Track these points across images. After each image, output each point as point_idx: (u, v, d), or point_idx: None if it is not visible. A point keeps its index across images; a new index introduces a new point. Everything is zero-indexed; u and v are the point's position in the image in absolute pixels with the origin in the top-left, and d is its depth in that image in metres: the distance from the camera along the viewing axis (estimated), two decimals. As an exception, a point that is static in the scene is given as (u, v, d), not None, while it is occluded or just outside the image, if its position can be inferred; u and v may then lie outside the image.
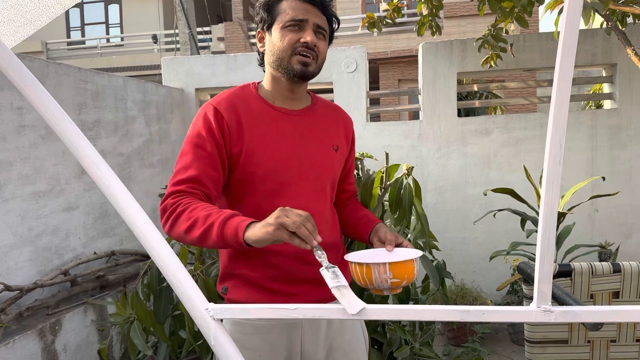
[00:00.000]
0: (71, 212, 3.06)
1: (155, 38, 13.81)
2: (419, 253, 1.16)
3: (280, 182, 1.32)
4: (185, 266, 2.23)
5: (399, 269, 1.08)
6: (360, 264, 1.10)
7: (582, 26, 2.78)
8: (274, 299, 1.31)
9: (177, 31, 7.08)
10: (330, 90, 4.34)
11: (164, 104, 4.17)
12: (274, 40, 1.32)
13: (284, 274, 1.34)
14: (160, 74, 4.64)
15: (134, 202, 1.08)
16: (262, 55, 1.42)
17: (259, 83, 1.43)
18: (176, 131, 4.37)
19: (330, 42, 1.42)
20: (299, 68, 1.30)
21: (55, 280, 2.78)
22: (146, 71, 13.26)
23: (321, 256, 1.06)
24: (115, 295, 3.10)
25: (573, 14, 1.11)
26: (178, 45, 7.11)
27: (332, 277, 1.00)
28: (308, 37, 1.28)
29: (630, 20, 3.63)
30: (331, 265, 1.04)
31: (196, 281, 1.97)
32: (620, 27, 3.07)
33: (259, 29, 1.39)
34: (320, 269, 1.04)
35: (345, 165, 1.54)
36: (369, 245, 1.42)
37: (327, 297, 1.30)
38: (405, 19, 12.37)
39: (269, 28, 1.34)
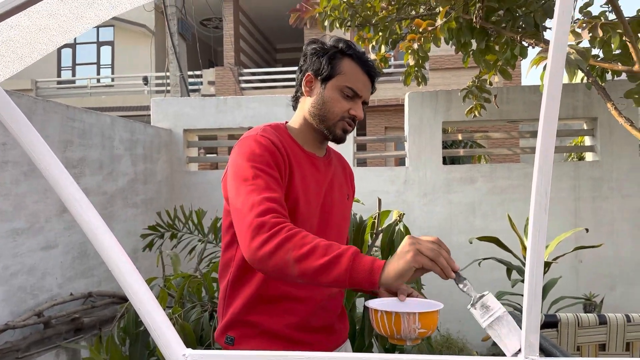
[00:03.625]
0: (49, 251, 2.98)
1: (146, 80, 13.97)
2: (439, 304, 1.15)
3: (309, 228, 1.28)
4: (164, 309, 2.17)
5: (427, 319, 1.06)
6: (389, 313, 1.06)
7: (565, 80, 2.86)
8: (288, 348, 1.25)
9: (168, 73, 7.18)
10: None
11: (151, 144, 4.17)
12: (326, 98, 1.30)
13: (302, 321, 1.28)
14: (149, 115, 4.66)
15: (114, 240, 1.05)
16: (298, 96, 1.39)
17: (286, 124, 1.40)
18: (162, 171, 4.34)
19: None
20: (340, 134, 1.32)
21: (28, 322, 2.68)
22: (135, 112, 13.33)
23: (466, 285, 0.93)
24: (90, 338, 2.98)
25: (556, 68, 1.15)
26: (168, 87, 7.19)
27: (481, 313, 0.87)
28: (359, 112, 1.30)
29: (609, 76, 3.77)
30: (480, 294, 0.89)
31: (174, 325, 1.91)
32: (600, 83, 3.17)
33: (310, 72, 1.33)
34: (469, 307, 0.90)
35: None
36: (372, 294, 1.39)
37: (337, 344, 1.29)
38: (392, 69, 12.72)
39: (325, 80, 1.31)
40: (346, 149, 4.27)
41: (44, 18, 1.33)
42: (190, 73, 13.20)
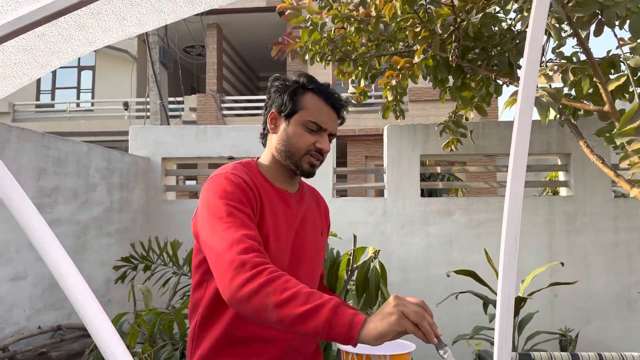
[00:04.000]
0: (18, 282, 2.89)
1: (126, 105, 13.90)
2: (412, 346, 1.14)
3: (282, 264, 1.28)
4: (135, 346, 2.11)
5: None
6: (359, 355, 1.07)
7: (538, 116, 2.94)
8: None
9: (148, 99, 7.17)
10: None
11: (128, 172, 4.12)
12: (290, 134, 1.31)
13: None
14: (128, 141, 4.62)
15: (79, 278, 1.02)
16: (265, 133, 1.39)
17: (257, 160, 1.40)
18: (138, 200, 4.29)
19: None
20: (307, 168, 1.32)
21: (-9, 358, 2.57)
22: (114, 137, 13.21)
23: (447, 352, 0.93)
24: (56, 375, 2.87)
25: (525, 117, 1.18)
26: (148, 114, 7.17)
27: None
28: (325, 145, 1.31)
29: (582, 113, 3.88)
30: None
31: (144, 364, 1.85)
32: (572, 120, 3.26)
33: (273, 109, 1.34)
34: None
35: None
36: None
37: None
38: (372, 100, 12.91)
39: (288, 116, 1.31)
40: (326, 180, 4.28)
41: (20, 53, 1.32)
42: (171, 99, 13.19)
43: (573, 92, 3.06)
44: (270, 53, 3.85)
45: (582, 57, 2.96)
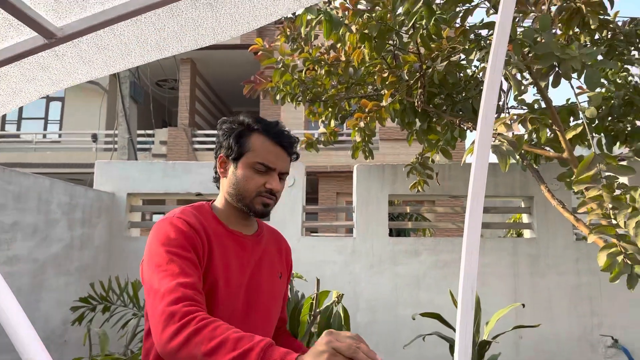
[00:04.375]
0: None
1: (94, 137, 13.69)
2: None
3: (232, 310, 1.26)
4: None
5: None
6: None
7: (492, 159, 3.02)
8: None
9: (116, 132, 7.08)
10: (266, 204, 4.37)
11: (91, 208, 4.02)
12: (239, 177, 1.30)
13: None
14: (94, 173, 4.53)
15: (20, 313, 0.97)
16: (218, 176, 1.40)
17: (212, 203, 1.39)
18: (100, 237, 4.17)
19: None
20: (261, 209, 1.31)
21: None
22: (81, 169, 12.92)
23: None
24: None
25: (481, 164, 1.21)
26: (116, 146, 7.07)
27: None
28: (275, 185, 1.30)
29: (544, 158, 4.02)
30: None
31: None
32: (534, 165, 3.37)
33: (221, 153, 1.34)
34: None
35: (284, 292, 1.52)
36: None
37: None
38: (344, 137, 13.10)
39: (236, 160, 1.31)
40: (295, 217, 4.27)
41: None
42: (141, 132, 13.07)
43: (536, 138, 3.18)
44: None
45: (543, 104, 3.09)
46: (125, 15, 1.20)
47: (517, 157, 3.03)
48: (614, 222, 2.13)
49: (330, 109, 3.87)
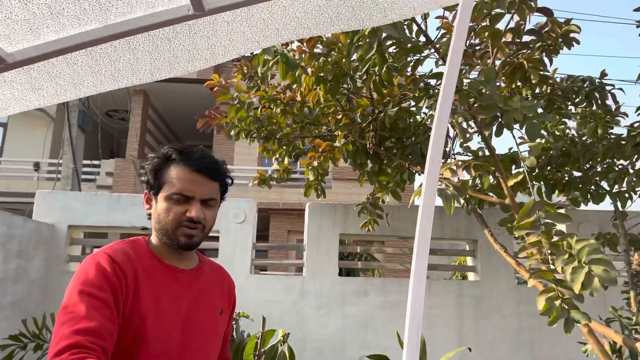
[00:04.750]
0: None
1: (37, 166, 13.11)
2: None
3: (165, 348, 1.21)
4: None
5: None
6: None
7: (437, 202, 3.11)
8: None
9: (61, 161, 6.82)
10: (216, 239, 4.30)
11: (29, 240, 3.81)
12: (160, 210, 1.28)
13: None
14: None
15: None
16: (149, 213, 1.37)
17: (149, 238, 1.36)
18: (37, 270, 3.94)
19: (222, 200, 1.43)
20: (184, 241, 1.27)
21: None
22: (20, 198, 12.27)
23: None
24: None
25: (427, 211, 1.25)
26: (59, 176, 6.79)
27: None
28: (194, 212, 1.26)
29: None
30: None
31: None
32: (478, 210, 3.49)
33: (146, 190, 1.34)
34: None
35: (225, 330, 1.47)
36: None
37: None
38: (297, 175, 13.17)
39: (156, 194, 1.30)
40: (244, 255, 4.21)
41: None
42: (87, 162, 12.65)
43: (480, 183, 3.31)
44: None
45: (488, 152, 3.24)
46: (81, 45, 1.19)
47: (462, 201, 3.13)
48: (552, 267, 2.22)
49: (284, 147, 3.90)
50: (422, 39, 2.76)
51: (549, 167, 3.52)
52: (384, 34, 2.31)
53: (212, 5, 1.14)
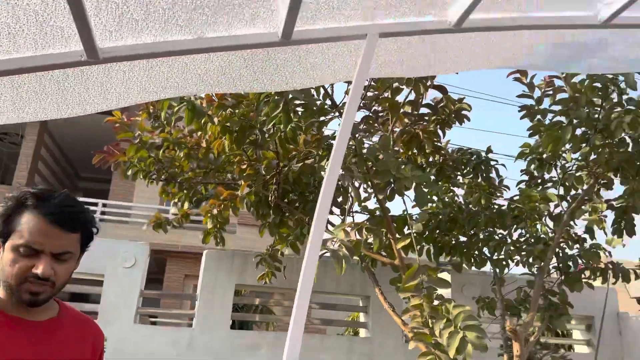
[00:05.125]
0: None
1: None
2: None
3: None
4: None
5: None
6: None
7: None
8: None
9: None
10: (99, 283, 4.01)
11: None
12: (4, 261, 1.13)
13: None
14: None
15: None
16: None
17: None
18: None
19: (84, 250, 1.32)
20: (29, 298, 1.14)
21: None
22: None
23: None
24: None
25: (309, 267, 1.28)
26: None
27: None
28: (42, 268, 1.12)
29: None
30: None
31: None
32: (371, 268, 3.61)
33: None
34: None
35: None
36: None
37: None
38: (200, 217, 12.81)
39: (4, 242, 1.15)
40: (130, 302, 3.96)
41: None
42: (-35, 187, 11.45)
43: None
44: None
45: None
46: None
47: (356, 259, 3.23)
48: (433, 329, 2.33)
49: (185, 191, 3.81)
50: (329, 102, 2.89)
51: (437, 231, 3.74)
52: (290, 95, 2.39)
53: (107, 54, 1.12)
